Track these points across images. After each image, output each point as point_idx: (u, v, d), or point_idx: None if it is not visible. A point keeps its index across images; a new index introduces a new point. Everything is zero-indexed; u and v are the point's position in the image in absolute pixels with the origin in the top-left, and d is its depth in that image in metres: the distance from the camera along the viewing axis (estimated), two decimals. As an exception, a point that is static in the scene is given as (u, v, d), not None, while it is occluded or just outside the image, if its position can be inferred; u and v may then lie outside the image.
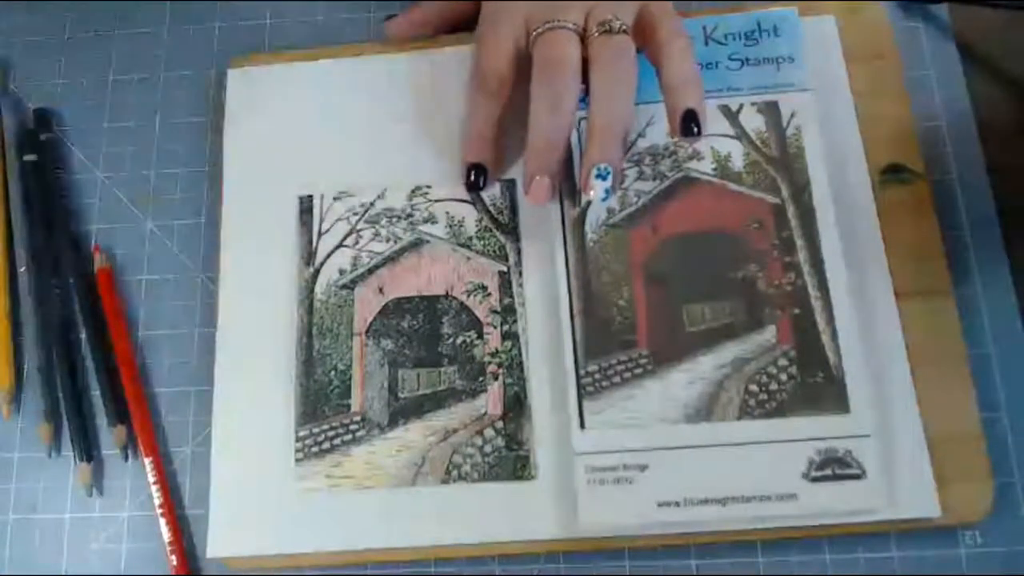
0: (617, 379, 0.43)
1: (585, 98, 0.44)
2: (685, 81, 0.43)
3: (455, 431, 0.44)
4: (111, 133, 0.53)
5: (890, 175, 0.46)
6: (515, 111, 0.45)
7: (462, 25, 0.50)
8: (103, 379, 0.47)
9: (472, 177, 0.46)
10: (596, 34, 0.43)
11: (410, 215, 0.48)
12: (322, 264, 0.47)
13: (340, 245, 0.47)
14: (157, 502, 0.45)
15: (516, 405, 0.44)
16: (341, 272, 0.47)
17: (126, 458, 0.46)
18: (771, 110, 0.47)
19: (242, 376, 0.46)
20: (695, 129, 0.42)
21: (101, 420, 0.47)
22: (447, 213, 0.47)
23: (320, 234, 0.48)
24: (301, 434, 0.44)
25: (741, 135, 0.46)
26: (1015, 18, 0.51)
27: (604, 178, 0.42)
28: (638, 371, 0.43)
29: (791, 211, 0.45)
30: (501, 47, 0.45)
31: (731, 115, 0.47)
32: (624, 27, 0.43)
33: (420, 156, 0.49)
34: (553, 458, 0.43)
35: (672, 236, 0.45)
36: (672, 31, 0.43)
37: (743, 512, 0.40)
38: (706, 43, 0.48)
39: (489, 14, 0.46)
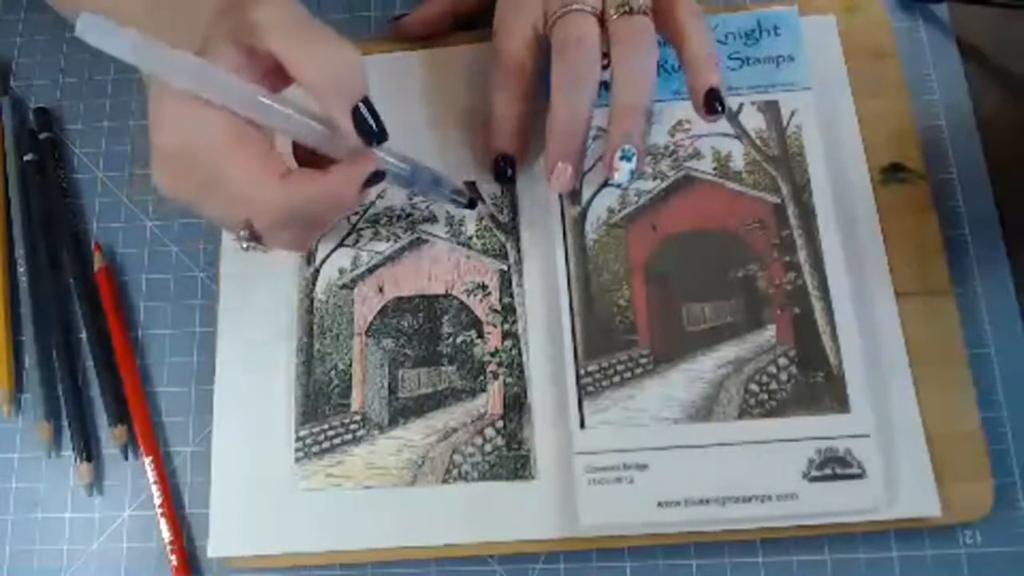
0: (617, 379, 0.43)
1: (604, 91, 0.43)
2: (707, 59, 0.42)
3: (455, 431, 0.44)
4: (111, 133, 0.53)
5: (890, 174, 0.46)
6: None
7: (472, 21, 0.50)
8: (103, 379, 0.47)
9: (501, 166, 0.46)
10: (615, 16, 0.42)
11: (410, 214, 0.48)
12: (322, 263, 0.47)
13: (340, 244, 0.47)
14: (157, 502, 0.45)
15: (516, 405, 0.44)
16: (341, 271, 0.47)
17: (126, 458, 0.46)
18: (771, 109, 0.47)
19: (242, 376, 0.46)
20: (718, 107, 0.42)
21: (101, 420, 0.47)
22: (447, 212, 0.47)
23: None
24: (301, 434, 0.44)
25: (741, 134, 0.46)
26: (1015, 17, 0.51)
27: (629, 159, 0.42)
28: (638, 371, 0.43)
29: (791, 210, 0.45)
30: (519, 34, 0.44)
31: (731, 114, 0.47)
32: (644, 7, 0.42)
33: (420, 155, 0.49)
34: (553, 458, 0.43)
35: (672, 235, 0.45)
36: (690, 10, 0.43)
37: (743, 512, 0.40)
38: (706, 43, 0.48)
39: (506, 1, 0.46)
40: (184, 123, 0.36)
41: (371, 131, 0.37)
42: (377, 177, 0.39)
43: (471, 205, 0.45)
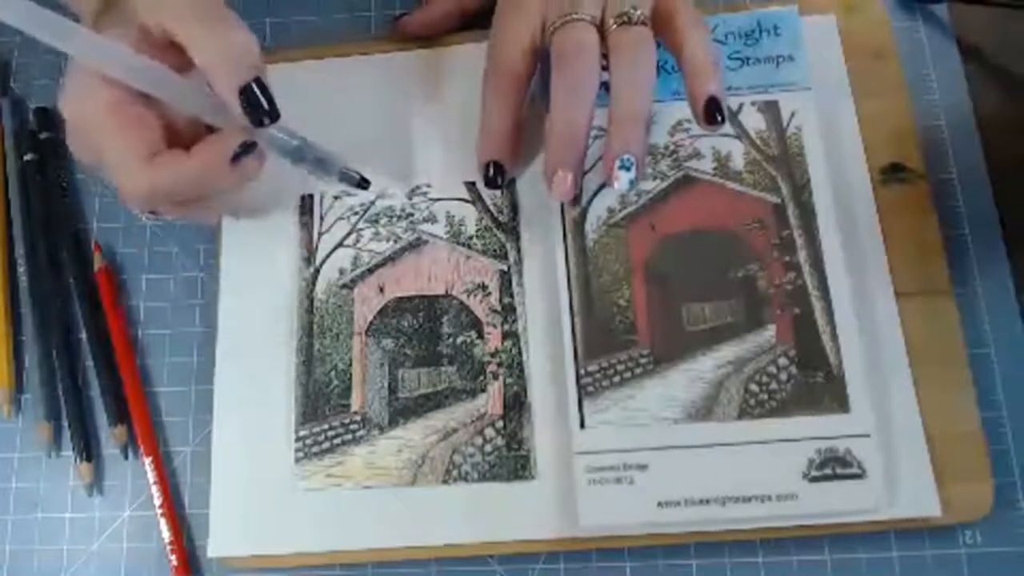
0: (617, 379, 0.43)
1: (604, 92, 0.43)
2: (706, 67, 0.42)
3: (455, 431, 0.44)
4: (111, 133, 0.53)
5: (890, 174, 0.46)
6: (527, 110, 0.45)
7: (473, 21, 0.50)
8: (103, 379, 0.47)
9: (491, 174, 0.45)
10: (614, 26, 0.42)
11: (410, 214, 0.48)
12: (322, 264, 0.47)
13: (340, 244, 0.47)
14: (157, 502, 0.45)
15: (516, 405, 0.44)
16: (341, 272, 0.47)
17: (126, 458, 0.46)
18: (771, 109, 0.47)
19: (242, 376, 0.46)
20: (718, 117, 0.42)
21: (101, 420, 0.47)
22: (447, 212, 0.47)
23: (320, 234, 0.48)
24: (301, 434, 0.44)
25: (741, 134, 0.46)
26: (1015, 17, 0.51)
27: (628, 168, 0.42)
28: (638, 371, 0.43)
29: (791, 210, 0.45)
30: (516, 41, 0.44)
31: (731, 114, 0.47)
32: (643, 17, 0.42)
33: (420, 155, 0.49)
34: (553, 458, 0.43)
35: (672, 235, 0.45)
36: (691, 18, 0.43)
37: (743, 512, 0.40)
38: (706, 43, 0.48)
39: (505, 8, 0.46)
40: (78, 94, 0.37)
41: (260, 110, 0.37)
42: (247, 148, 0.38)
43: (362, 185, 0.44)
